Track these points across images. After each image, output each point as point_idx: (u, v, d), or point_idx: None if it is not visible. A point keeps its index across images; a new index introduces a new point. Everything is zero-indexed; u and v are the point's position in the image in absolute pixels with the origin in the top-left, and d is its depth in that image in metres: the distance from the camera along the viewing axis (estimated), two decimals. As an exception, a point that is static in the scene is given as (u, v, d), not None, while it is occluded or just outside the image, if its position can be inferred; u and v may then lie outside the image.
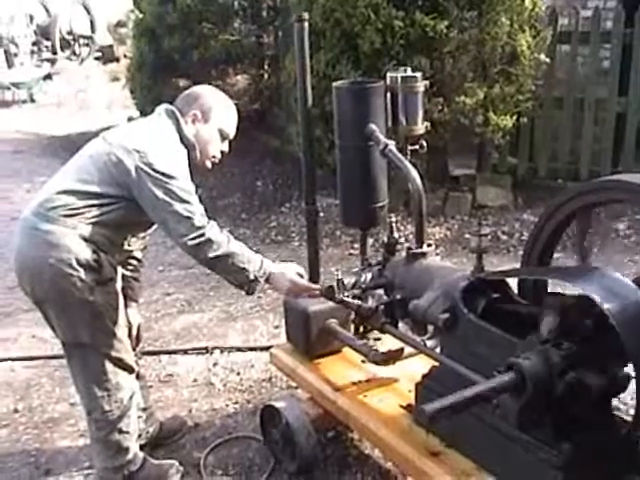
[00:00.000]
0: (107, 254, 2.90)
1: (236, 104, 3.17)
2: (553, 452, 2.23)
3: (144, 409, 3.42)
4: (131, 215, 2.89)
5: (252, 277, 2.87)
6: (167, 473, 3.28)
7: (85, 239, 2.82)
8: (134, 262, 3.31)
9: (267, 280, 2.92)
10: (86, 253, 2.82)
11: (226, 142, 3.14)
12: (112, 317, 2.96)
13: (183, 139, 2.97)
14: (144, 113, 9.02)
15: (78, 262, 2.80)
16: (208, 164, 3.12)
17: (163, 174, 2.78)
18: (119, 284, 3.03)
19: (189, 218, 2.79)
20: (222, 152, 3.14)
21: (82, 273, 2.82)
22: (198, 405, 3.94)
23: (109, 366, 3.00)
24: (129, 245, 3.11)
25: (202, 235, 2.79)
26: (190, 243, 2.79)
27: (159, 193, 2.77)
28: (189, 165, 2.96)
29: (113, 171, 2.83)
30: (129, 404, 3.10)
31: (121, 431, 3.10)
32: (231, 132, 3.13)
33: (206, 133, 3.04)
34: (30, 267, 2.86)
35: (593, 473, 2.24)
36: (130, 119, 9.25)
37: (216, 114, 3.05)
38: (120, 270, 3.09)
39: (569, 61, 7.02)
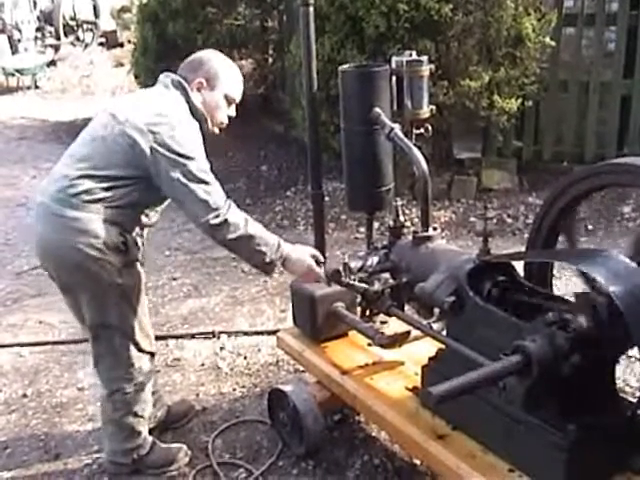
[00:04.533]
0: (131, 233, 2.92)
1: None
2: (559, 434, 2.24)
3: (152, 393, 3.43)
4: (151, 193, 2.90)
5: (268, 260, 2.88)
6: (175, 457, 3.31)
7: (111, 222, 2.83)
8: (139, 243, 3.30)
9: (283, 263, 2.93)
10: (113, 236, 2.84)
11: (233, 106, 3.12)
12: (137, 298, 3.00)
13: (192, 110, 2.96)
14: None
15: (106, 246, 2.82)
16: (216, 130, 3.11)
17: (179, 154, 2.77)
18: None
19: (206, 199, 2.79)
20: (229, 117, 3.12)
21: (111, 256, 2.84)
22: (205, 389, 3.97)
23: (134, 350, 3.04)
24: (148, 219, 3.05)
25: (218, 216, 2.79)
26: (207, 224, 2.79)
27: (175, 174, 2.77)
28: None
29: (129, 153, 2.81)
30: (147, 389, 3.14)
31: (136, 414, 3.14)
32: (237, 96, 3.11)
33: (213, 100, 3.02)
34: (55, 253, 2.87)
35: (598, 454, 2.26)
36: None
37: (222, 80, 3.03)
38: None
39: (574, 44, 6.97)
